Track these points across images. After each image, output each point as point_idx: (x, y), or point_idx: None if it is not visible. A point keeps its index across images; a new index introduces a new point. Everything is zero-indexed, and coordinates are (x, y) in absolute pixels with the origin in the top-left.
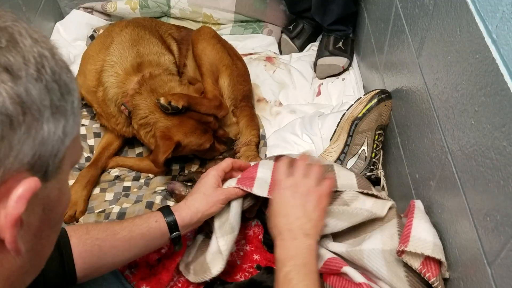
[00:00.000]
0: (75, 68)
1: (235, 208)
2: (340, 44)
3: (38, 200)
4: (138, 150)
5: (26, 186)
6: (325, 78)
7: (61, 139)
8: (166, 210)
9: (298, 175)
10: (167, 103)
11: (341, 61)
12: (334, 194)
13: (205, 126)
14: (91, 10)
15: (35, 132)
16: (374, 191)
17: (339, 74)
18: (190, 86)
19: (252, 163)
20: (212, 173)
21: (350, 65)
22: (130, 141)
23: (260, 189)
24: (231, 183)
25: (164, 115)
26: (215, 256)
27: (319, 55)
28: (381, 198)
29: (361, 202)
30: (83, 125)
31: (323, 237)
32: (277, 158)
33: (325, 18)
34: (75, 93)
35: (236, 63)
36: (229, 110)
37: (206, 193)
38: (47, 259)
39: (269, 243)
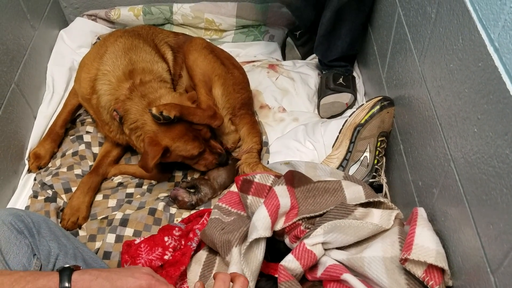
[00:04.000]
0: None
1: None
2: (341, 80)
3: None
4: None
5: None
6: (329, 117)
7: None
8: (65, 278)
9: None
10: (159, 113)
11: (345, 97)
12: (346, 209)
13: (195, 133)
14: (95, 17)
15: None
16: (380, 198)
17: (343, 112)
18: (183, 94)
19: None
20: None
21: (354, 102)
22: (133, 149)
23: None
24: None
25: (152, 119)
26: None
27: (321, 95)
28: (388, 207)
29: (370, 217)
30: (88, 132)
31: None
32: (286, 178)
33: (328, 53)
34: None
35: (232, 72)
36: (225, 119)
37: None
38: None
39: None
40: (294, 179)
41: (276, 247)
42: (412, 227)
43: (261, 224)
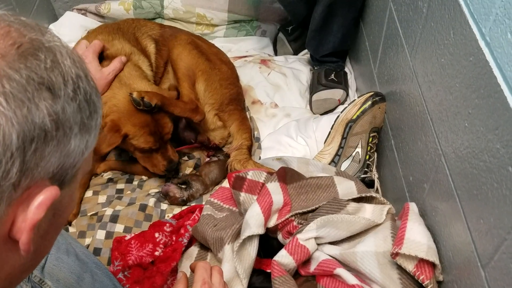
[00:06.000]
0: None
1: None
2: (333, 76)
3: (52, 205)
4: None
5: (47, 194)
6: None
7: (82, 152)
8: None
9: None
10: (140, 98)
11: (337, 93)
12: (339, 204)
13: (156, 129)
14: (84, 11)
15: (63, 146)
16: (372, 193)
17: (335, 108)
18: (164, 90)
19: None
20: (92, 57)
21: (346, 98)
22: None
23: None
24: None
25: (122, 95)
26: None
27: (313, 91)
28: (380, 201)
29: (362, 212)
30: None
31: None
32: (279, 174)
33: (320, 48)
34: (100, 111)
35: (219, 68)
36: (209, 115)
37: (96, 77)
38: None
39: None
40: (286, 175)
41: (269, 244)
42: (404, 221)
43: (254, 222)
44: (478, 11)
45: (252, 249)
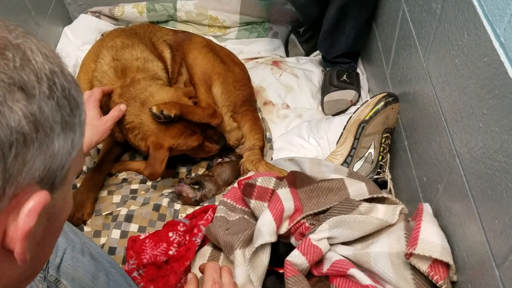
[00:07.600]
0: None
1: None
2: (345, 77)
3: (44, 210)
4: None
5: (37, 200)
6: (334, 114)
7: (69, 152)
8: None
9: None
10: (159, 111)
11: (349, 94)
12: (351, 205)
13: (193, 127)
14: (99, 14)
15: (47, 147)
16: (384, 193)
17: (347, 109)
18: (179, 89)
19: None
20: (92, 105)
21: (358, 99)
22: None
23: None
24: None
25: (149, 118)
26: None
27: (325, 92)
28: (392, 202)
29: (375, 212)
30: None
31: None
32: (288, 180)
33: (332, 49)
34: (82, 106)
35: (232, 69)
36: (225, 117)
37: (94, 124)
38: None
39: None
40: (296, 179)
41: (283, 250)
42: (418, 222)
43: (267, 229)
44: (492, 12)
45: (264, 257)
